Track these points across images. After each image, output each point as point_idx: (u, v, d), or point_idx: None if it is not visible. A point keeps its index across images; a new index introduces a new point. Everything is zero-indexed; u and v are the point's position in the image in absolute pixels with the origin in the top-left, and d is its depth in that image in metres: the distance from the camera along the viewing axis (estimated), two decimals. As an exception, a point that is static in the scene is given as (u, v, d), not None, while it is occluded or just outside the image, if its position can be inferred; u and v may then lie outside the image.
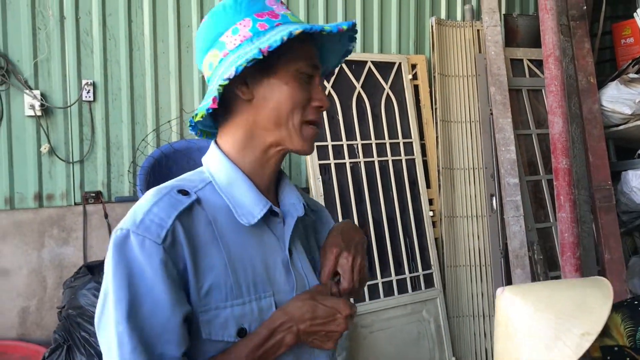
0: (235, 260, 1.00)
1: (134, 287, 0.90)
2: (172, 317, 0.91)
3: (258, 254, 1.03)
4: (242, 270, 1.00)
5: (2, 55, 2.93)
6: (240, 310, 0.99)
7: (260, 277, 1.02)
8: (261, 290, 1.02)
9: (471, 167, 3.75)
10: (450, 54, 3.82)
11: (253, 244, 1.04)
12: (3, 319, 2.97)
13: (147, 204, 0.96)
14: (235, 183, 1.05)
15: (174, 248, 0.93)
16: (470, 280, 3.67)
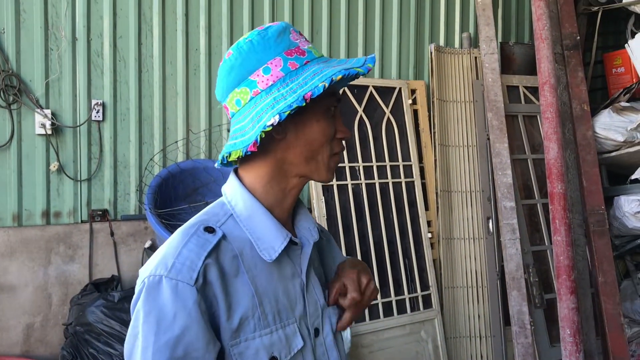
0: (261, 291, 1.03)
1: (166, 331, 0.92)
2: (207, 355, 0.94)
3: (280, 284, 1.07)
4: (267, 300, 1.04)
5: (14, 75, 3.00)
6: (269, 340, 1.02)
7: (283, 305, 1.07)
8: (285, 317, 1.06)
9: (468, 190, 3.84)
10: (448, 80, 3.93)
11: (275, 275, 1.07)
12: (8, 335, 2.99)
13: (177, 247, 0.98)
14: (255, 216, 1.06)
15: (205, 288, 0.96)
16: (468, 301, 3.74)
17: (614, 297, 3.52)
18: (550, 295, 3.68)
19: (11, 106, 3.00)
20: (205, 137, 3.40)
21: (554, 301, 3.59)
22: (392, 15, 3.95)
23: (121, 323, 2.62)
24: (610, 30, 4.79)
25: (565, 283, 3.26)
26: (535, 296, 3.61)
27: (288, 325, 1.06)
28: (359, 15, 3.84)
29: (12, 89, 2.99)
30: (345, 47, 3.78)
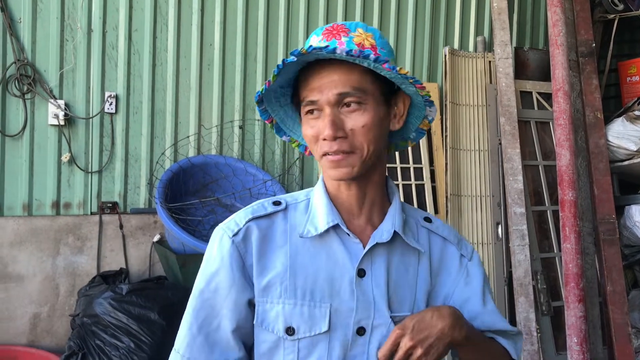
0: (297, 266, 1.11)
1: (208, 269, 1.12)
2: (229, 296, 1.09)
3: (325, 267, 1.11)
4: (302, 276, 1.10)
5: (29, 64, 3.00)
6: (290, 310, 1.09)
7: (320, 287, 1.10)
8: (318, 298, 1.10)
9: (478, 194, 3.82)
10: (461, 83, 3.91)
11: (323, 258, 1.12)
12: (14, 325, 2.99)
13: (244, 209, 1.17)
14: (318, 201, 1.15)
15: (242, 243, 1.11)
16: (474, 306, 3.71)
17: (622, 307, 3.50)
18: (557, 302, 3.66)
19: (25, 96, 3.00)
20: (217, 133, 3.40)
21: (561, 309, 3.57)
22: (407, 17, 3.94)
23: (128, 316, 2.62)
24: (625, 38, 4.76)
25: (574, 291, 3.25)
26: (543, 303, 3.59)
27: (318, 307, 1.10)
28: (374, 16, 3.83)
29: (26, 78, 3.00)
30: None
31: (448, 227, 1.24)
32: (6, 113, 2.99)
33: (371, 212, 1.16)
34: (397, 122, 1.13)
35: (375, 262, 1.12)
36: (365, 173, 1.11)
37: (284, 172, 3.52)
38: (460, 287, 1.20)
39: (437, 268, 1.19)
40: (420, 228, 1.20)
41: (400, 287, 1.14)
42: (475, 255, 1.24)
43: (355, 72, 1.05)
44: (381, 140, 1.10)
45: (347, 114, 1.05)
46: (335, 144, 1.05)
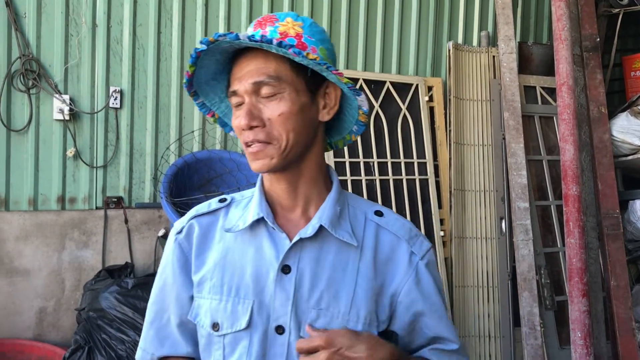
0: (227, 262, 1.11)
1: (160, 266, 1.19)
2: (172, 292, 1.14)
3: (253, 262, 1.09)
4: (230, 272, 1.10)
5: (34, 59, 3.00)
6: (216, 306, 1.09)
7: (245, 283, 1.08)
8: (242, 295, 1.08)
9: (482, 189, 3.82)
10: (465, 78, 3.91)
11: (251, 254, 1.10)
12: (21, 319, 3.01)
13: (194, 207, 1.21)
14: (254, 196, 1.15)
15: (186, 240, 1.15)
16: (478, 301, 3.73)
17: (626, 302, 3.50)
18: (561, 297, 3.67)
19: (30, 90, 3.01)
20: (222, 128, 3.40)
21: (564, 303, 3.58)
22: (412, 12, 3.93)
23: (134, 310, 2.63)
24: (630, 32, 4.75)
25: (577, 286, 3.25)
26: (546, 298, 3.59)
27: (241, 303, 1.08)
28: (378, 11, 3.83)
29: (31, 73, 3.00)
30: (363, 42, 3.77)
31: (401, 222, 1.16)
32: (11, 108, 3.00)
33: (307, 207, 1.12)
34: (328, 112, 1.09)
35: (303, 258, 1.08)
36: (293, 166, 1.08)
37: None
38: (408, 286, 1.12)
39: (384, 264, 1.12)
40: (368, 222, 1.14)
41: (336, 282, 1.08)
42: (429, 256, 1.15)
43: (272, 60, 1.02)
44: (304, 131, 1.06)
45: (266, 103, 1.03)
46: (251, 134, 1.03)
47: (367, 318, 1.08)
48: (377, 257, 1.11)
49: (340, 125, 1.19)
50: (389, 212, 1.18)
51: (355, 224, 1.13)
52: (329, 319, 1.06)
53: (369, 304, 1.08)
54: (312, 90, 1.06)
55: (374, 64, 3.80)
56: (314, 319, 1.06)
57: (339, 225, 1.10)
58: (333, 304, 1.07)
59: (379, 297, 1.10)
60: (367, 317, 1.08)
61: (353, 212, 1.14)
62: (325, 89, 1.09)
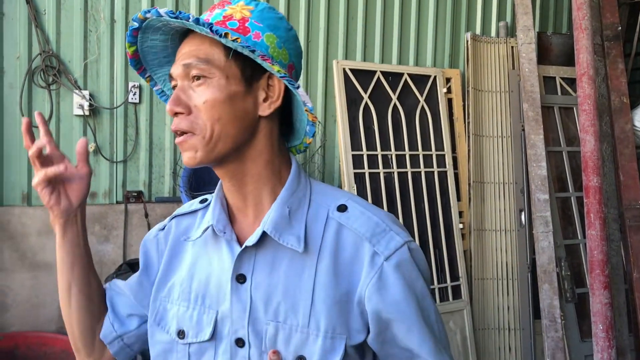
0: (196, 269, 1.06)
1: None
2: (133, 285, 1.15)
3: (216, 270, 1.03)
4: (197, 279, 1.05)
5: (54, 55, 3.04)
6: (183, 313, 1.05)
7: (210, 292, 1.03)
8: (207, 304, 1.03)
9: (501, 181, 3.80)
10: (484, 69, 3.88)
11: (215, 262, 1.04)
12: (44, 312, 3.06)
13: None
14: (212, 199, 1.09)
15: (164, 239, 1.13)
16: (497, 293, 3.71)
17: (649, 294, 3.46)
18: (581, 289, 3.63)
19: (50, 86, 3.04)
20: (239, 122, 3.41)
21: (585, 296, 3.55)
22: (429, 3, 3.90)
23: (155, 303, 2.65)
24: (651, 21, 4.67)
25: (599, 278, 3.22)
26: (567, 290, 3.56)
27: (206, 313, 1.03)
28: (395, 2, 3.80)
29: (52, 69, 3.04)
30: (380, 34, 3.75)
31: (366, 217, 1.00)
32: (32, 104, 3.03)
33: (259, 208, 1.02)
34: (269, 106, 0.98)
35: (257, 266, 0.99)
36: (232, 163, 0.98)
37: (305, 161, 3.53)
38: (369, 292, 0.96)
39: (347, 268, 0.97)
40: (329, 220, 1.00)
41: (292, 292, 0.97)
42: (400, 255, 0.96)
43: (205, 43, 0.95)
44: (234, 123, 0.95)
45: (195, 89, 0.94)
46: (176, 121, 0.95)
47: (329, 330, 0.95)
48: (338, 260, 0.97)
49: (296, 128, 1.08)
50: (354, 205, 1.01)
51: (314, 224, 1.00)
52: (288, 332, 0.96)
53: (331, 314, 0.95)
54: (248, 80, 0.96)
55: (391, 56, 3.79)
56: (273, 333, 0.97)
57: (287, 229, 0.98)
58: (291, 316, 0.96)
59: (346, 305, 0.97)
60: (329, 329, 0.95)
61: (315, 209, 1.01)
62: (268, 80, 0.98)
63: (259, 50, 0.92)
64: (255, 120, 0.98)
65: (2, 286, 2.98)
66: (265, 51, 0.94)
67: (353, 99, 3.45)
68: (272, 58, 0.95)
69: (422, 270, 1.00)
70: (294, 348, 0.96)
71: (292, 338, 0.96)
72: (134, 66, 1.03)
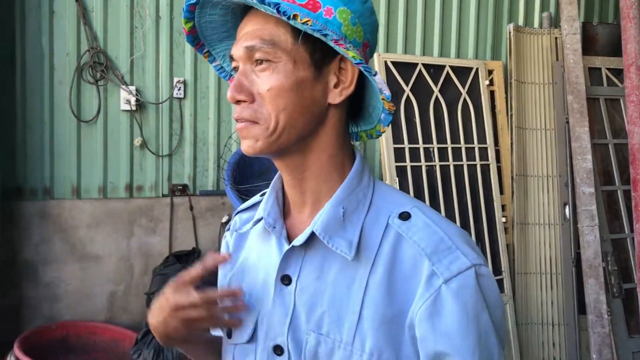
0: (248, 263, 1.01)
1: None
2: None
3: (263, 267, 0.96)
4: (247, 275, 0.99)
5: (102, 52, 3.10)
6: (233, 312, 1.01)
7: (255, 290, 0.96)
8: (252, 303, 0.96)
9: (545, 174, 3.74)
10: (527, 61, 3.82)
11: (264, 256, 0.97)
12: (93, 302, 3.14)
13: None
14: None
15: (231, 237, 1.07)
16: (541, 288, 3.66)
17: (699, 290, 3.37)
18: (629, 285, 3.56)
19: (98, 82, 3.11)
20: (281, 116, 3.44)
21: (633, 291, 3.48)
22: (470, -6, 3.86)
23: (202, 294, 2.70)
24: (701, 9, 4.53)
25: (648, 273, 3.16)
26: (614, 285, 3.50)
27: (250, 313, 0.95)
28: (436, -6, 3.78)
29: (99, 65, 3.11)
30: (421, 27, 3.73)
31: (430, 231, 0.85)
32: (81, 100, 3.11)
33: (317, 206, 0.91)
34: (340, 93, 0.87)
35: (304, 269, 0.90)
36: (293, 155, 0.89)
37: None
38: (420, 317, 0.82)
39: (402, 285, 0.84)
40: (389, 227, 0.87)
41: (338, 303, 0.87)
42: (463, 278, 0.81)
43: (270, 22, 0.84)
44: (302, 113, 0.85)
45: (259, 74, 0.84)
46: (238, 109, 0.86)
47: (374, 352, 0.83)
48: (393, 275, 0.85)
49: (368, 113, 0.96)
50: (419, 215, 0.88)
51: (372, 230, 0.87)
52: (330, 347, 0.86)
53: (379, 334, 0.84)
54: (318, 64, 0.85)
55: (432, 48, 3.76)
56: (314, 345, 0.87)
57: (339, 232, 0.87)
58: (334, 329, 0.86)
59: (397, 327, 0.84)
60: (374, 351, 0.83)
61: (374, 213, 0.89)
62: (340, 63, 0.86)
63: (331, 32, 0.82)
64: (324, 108, 0.88)
65: (54, 277, 3.07)
66: (338, 30, 0.83)
67: (394, 91, 3.44)
68: (346, 37, 0.84)
69: (490, 302, 0.83)
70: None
71: (334, 354, 0.86)
72: (191, 42, 0.94)
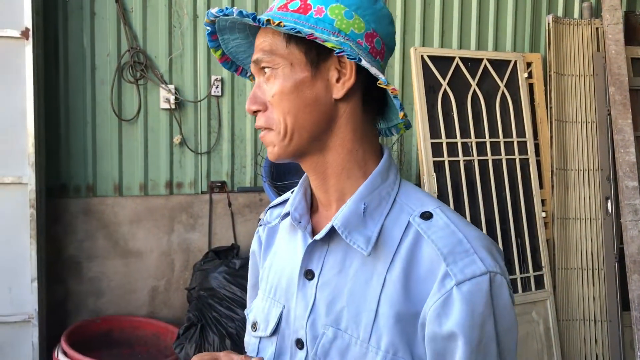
0: (276, 258, 1.04)
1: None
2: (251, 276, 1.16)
3: (289, 262, 0.98)
4: (274, 269, 1.02)
5: (141, 51, 3.16)
6: (258, 304, 1.04)
7: (281, 285, 0.99)
8: (278, 296, 0.99)
9: (586, 168, 3.67)
10: (566, 52, 3.74)
11: (291, 251, 0.99)
12: (135, 297, 3.21)
13: None
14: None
15: (263, 231, 1.10)
16: (582, 283, 3.60)
17: None
18: (674, 280, 3.47)
19: (138, 81, 3.17)
20: (317, 112, 3.44)
21: (679, 287, 3.39)
22: (508, -15, 3.80)
23: (242, 289, 2.74)
24: None
25: (695, 269, 3.07)
26: (659, 281, 3.42)
27: (275, 306, 0.99)
28: (473, -14, 3.73)
29: (139, 65, 3.16)
30: (458, 19, 3.69)
31: (449, 231, 0.86)
32: (122, 99, 3.17)
33: (341, 205, 0.92)
34: (342, 86, 0.88)
35: (327, 263, 0.91)
36: (312, 155, 0.91)
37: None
38: (430, 317, 0.83)
39: (418, 285, 0.85)
40: (410, 226, 0.88)
41: (357, 299, 0.88)
42: (473, 284, 0.81)
43: (268, 34, 0.88)
44: (308, 112, 0.87)
45: (267, 83, 0.89)
46: (257, 119, 0.92)
47: (390, 350, 0.84)
48: (410, 274, 0.85)
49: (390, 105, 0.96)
50: (440, 215, 0.88)
51: (393, 228, 0.88)
52: (347, 343, 0.87)
53: (394, 332, 0.84)
54: (314, 62, 0.87)
55: (469, 41, 3.72)
56: (330, 339, 0.89)
57: (358, 228, 0.88)
58: (352, 326, 0.87)
59: (412, 326, 0.85)
60: (390, 349, 0.84)
61: (397, 211, 0.90)
62: (339, 58, 0.87)
63: (321, 28, 0.85)
64: (331, 105, 0.89)
65: (98, 272, 3.15)
66: (330, 27, 0.85)
67: (431, 85, 3.41)
68: (340, 31, 0.86)
69: (500, 312, 0.83)
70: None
71: (349, 350, 0.87)
72: (229, 68, 1.00)
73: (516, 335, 0.86)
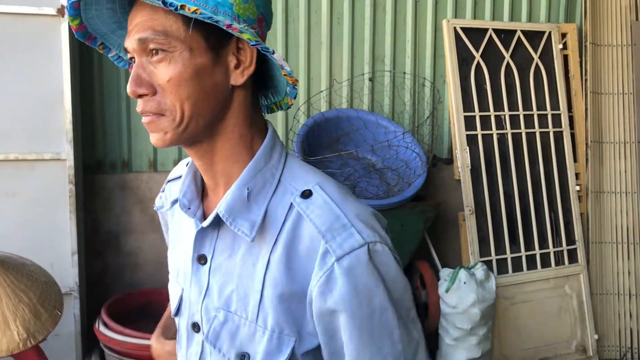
0: (176, 239, 1.05)
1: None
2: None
3: (185, 246, 0.99)
4: (177, 251, 1.04)
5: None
6: (169, 283, 1.07)
7: (180, 268, 1.01)
8: (181, 278, 1.01)
9: (622, 141, 3.60)
10: (603, 21, 3.65)
11: (186, 235, 1.00)
12: (171, 271, 3.27)
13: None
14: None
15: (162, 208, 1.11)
16: (617, 257, 3.57)
17: None
18: None
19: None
20: (348, 86, 3.43)
21: None
22: (542, -46, 3.70)
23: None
24: None
25: None
26: (696, 255, 3.37)
27: (176, 288, 1.02)
28: (506, -45, 3.64)
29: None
30: (491, -10, 3.61)
31: (327, 208, 0.85)
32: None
33: (229, 187, 0.91)
34: (242, 73, 0.86)
35: (217, 248, 0.92)
36: (202, 141, 0.88)
37: (414, 126, 3.50)
38: (316, 296, 0.83)
39: (301, 264, 0.85)
40: (292, 208, 0.87)
41: (245, 281, 0.88)
42: (351, 258, 0.81)
43: (160, 12, 0.81)
44: (206, 99, 0.84)
45: (156, 65, 0.82)
46: (141, 102, 0.84)
47: (275, 329, 0.86)
48: (292, 254, 0.85)
49: (274, 84, 0.95)
50: (320, 193, 0.87)
51: (276, 210, 0.88)
52: (237, 324, 0.90)
53: (278, 311, 0.85)
54: (215, 48, 0.84)
55: (502, 12, 3.64)
56: (221, 322, 0.91)
57: (242, 214, 0.87)
58: (241, 307, 0.89)
59: (298, 304, 0.85)
60: (275, 328, 0.86)
61: (281, 193, 0.89)
62: (237, 44, 0.85)
63: (223, 14, 0.81)
64: (228, 91, 0.87)
65: (134, 247, 3.21)
66: (230, 11, 0.81)
67: (464, 58, 3.37)
68: (239, 17, 0.82)
69: (385, 276, 0.83)
70: (240, 343, 0.89)
71: (239, 331, 0.89)
72: (82, 37, 0.90)
73: (410, 294, 0.87)
